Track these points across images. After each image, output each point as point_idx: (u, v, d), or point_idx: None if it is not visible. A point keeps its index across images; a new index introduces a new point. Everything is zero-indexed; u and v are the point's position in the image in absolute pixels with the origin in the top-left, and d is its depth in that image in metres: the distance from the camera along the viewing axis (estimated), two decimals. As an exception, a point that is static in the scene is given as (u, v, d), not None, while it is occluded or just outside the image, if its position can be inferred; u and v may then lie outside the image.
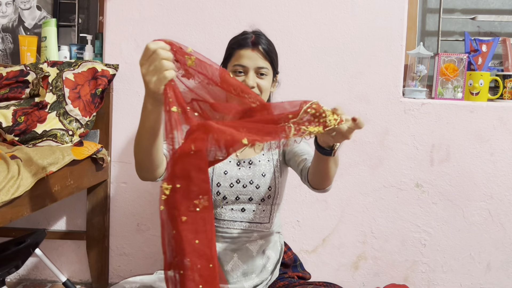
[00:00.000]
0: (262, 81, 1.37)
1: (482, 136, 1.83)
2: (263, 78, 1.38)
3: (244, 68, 1.37)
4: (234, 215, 1.36)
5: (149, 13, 1.87)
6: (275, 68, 1.43)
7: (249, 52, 1.37)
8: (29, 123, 1.58)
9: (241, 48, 1.38)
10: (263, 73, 1.37)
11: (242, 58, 1.37)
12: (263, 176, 1.39)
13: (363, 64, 1.84)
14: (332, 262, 1.92)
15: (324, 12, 1.84)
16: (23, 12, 2.02)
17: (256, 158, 1.41)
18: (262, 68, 1.37)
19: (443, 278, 1.89)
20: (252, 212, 1.37)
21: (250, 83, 1.34)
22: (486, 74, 1.84)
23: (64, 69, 1.75)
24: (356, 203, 1.88)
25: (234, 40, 1.43)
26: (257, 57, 1.37)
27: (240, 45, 1.39)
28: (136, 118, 1.91)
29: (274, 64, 1.41)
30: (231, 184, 1.38)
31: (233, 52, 1.40)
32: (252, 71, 1.36)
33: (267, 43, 1.40)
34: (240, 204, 1.36)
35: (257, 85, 1.37)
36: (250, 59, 1.36)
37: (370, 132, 1.85)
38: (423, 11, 2.06)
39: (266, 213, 1.39)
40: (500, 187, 1.84)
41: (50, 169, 1.41)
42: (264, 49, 1.37)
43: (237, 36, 1.43)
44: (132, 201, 1.93)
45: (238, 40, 1.41)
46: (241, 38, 1.41)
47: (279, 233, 1.46)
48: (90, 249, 1.94)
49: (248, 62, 1.36)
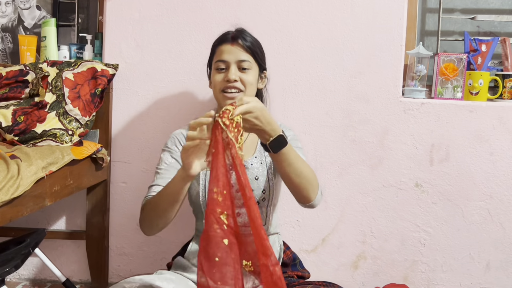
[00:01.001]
0: (245, 75, 1.34)
1: (481, 136, 1.83)
2: (246, 72, 1.35)
3: (225, 63, 1.35)
4: None
5: (149, 13, 1.87)
6: (260, 63, 1.40)
7: (229, 46, 1.35)
8: (28, 123, 1.58)
9: (221, 44, 1.37)
10: (245, 67, 1.34)
11: (223, 53, 1.35)
12: (256, 180, 1.36)
13: (363, 63, 1.84)
14: (331, 261, 1.92)
15: (323, 12, 1.84)
16: (22, 11, 2.02)
17: (248, 161, 1.38)
18: (243, 62, 1.34)
19: (442, 278, 1.90)
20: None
21: (232, 77, 1.32)
22: (486, 74, 1.84)
23: (63, 69, 1.75)
24: (356, 202, 1.89)
25: (216, 39, 1.42)
26: (238, 51, 1.35)
27: (220, 41, 1.38)
28: (136, 118, 1.92)
29: (257, 58, 1.38)
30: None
31: (215, 50, 1.39)
32: (234, 65, 1.34)
33: (248, 37, 1.38)
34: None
35: (240, 80, 1.34)
36: (230, 53, 1.34)
37: (370, 132, 1.85)
38: (423, 11, 2.06)
39: (262, 216, 1.36)
40: (499, 187, 1.84)
41: (49, 169, 1.41)
42: (244, 43, 1.35)
43: (220, 35, 1.42)
44: (132, 201, 1.93)
45: (219, 38, 1.40)
46: (222, 35, 1.41)
47: (277, 233, 1.45)
48: (89, 248, 1.94)
49: (228, 57, 1.34)
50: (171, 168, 1.33)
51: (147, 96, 1.90)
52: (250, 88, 1.36)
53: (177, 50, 1.87)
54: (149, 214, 1.25)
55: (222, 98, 1.35)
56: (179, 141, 1.40)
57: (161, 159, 1.37)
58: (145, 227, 1.28)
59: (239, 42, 1.35)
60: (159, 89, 1.89)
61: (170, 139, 1.42)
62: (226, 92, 1.34)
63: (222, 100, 1.35)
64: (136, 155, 1.92)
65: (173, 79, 1.88)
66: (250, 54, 1.36)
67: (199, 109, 1.88)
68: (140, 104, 1.91)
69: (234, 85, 1.34)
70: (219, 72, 1.36)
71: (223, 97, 1.35)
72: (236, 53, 1.34)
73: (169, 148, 1.39)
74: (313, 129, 1.86)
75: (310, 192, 1.24)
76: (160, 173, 1.33)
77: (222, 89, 1.35)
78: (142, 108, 1.90)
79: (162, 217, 1.21)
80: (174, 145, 1.39)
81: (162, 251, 1.95)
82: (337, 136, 1.86)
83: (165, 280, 1.20)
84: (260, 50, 1.41)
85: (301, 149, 1.41)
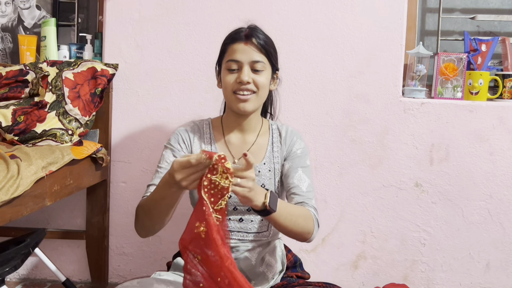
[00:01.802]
0: (259, 76, 1.27)
1: (481, 136, 1.83)
2: (259, 73, 1.28)
3: (238, 63, 1.27)
4: (232, 225, 1.30)
5: (148, 13, 1.87)
6: (274, 64, 1.33)
7: (242, 45, 1.27)
8: (28, 123, 1.58)
9: (234, 42, 1.29)
10: (258, 68, 1.27)
11: (235, 52, 1.27)
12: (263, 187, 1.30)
13: (363, 63, 1.84)
14: (331, 261, 1.92)
15: (323, 11, 1.84)
16: (22, 11, 2.02)
17: (256, 168, 1.32)
18: (257, 62, 1.27)
19: (442, 278, 1.90)
20: (250, 222, 1.31)
21: (244, 78, 1.25)
22: (486, 74, 1.84)
23: (63, 69, 1.75)
24: (356, 202, 1.89)
25: (227, 36, 1.34)
26: (251, 51, 1.27)
27: (233, 39, 1.30)
28: (135, 118, 1.92)
29: (271, 58, 1.31)
30: (229, 195, 1.31)
31: (226, 48, 1.31)
32: (247, 65, 1.27)
33: (262, 36, 1.30)
34: (238, 214, 1.31)
35: (253, 81, 1.27)
36: (243, 53, 1.27)
37: (370, 131, 1.85)
38: (423, 11, 2.06)
39: (265, 223, 1.32)
40: (499, 187, 1.84)
41: (49, 169, 1.41)
42: (258, 42, 1.27)
43: (230, 32, 1.34)
44: (132, 200, 1.93)
45: (231, 35, 1.32)
46: (233, 32, 1.32)
47: (279, 238, 1.42)
48: (89, 248, 1.94)
49: (241, 56, 1.26)
50: None
51: (147, 96, 1.90)
52: (262, 91, 1.30)
53: (177, 49, 1.87)
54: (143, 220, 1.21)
55: (234, 100, 1.29)
56: (182, 139, 1.35)
57: (163, 157, 1.33)
58: (140, 231, 1.24)
59: (253, 41, 1.27)
60: (159, 88, 1.89)
61: (173, 135, 1.36)
62: (238, 94, 1.28)
63: (234, 102, 1.29)
64: (136, 155, 1.92)
65: (173, 78, 1.88)
66: (264, 55, 1.28)
67: (199, 108, 1.88)
68: (140, 104, 1.90)
69: (247, 87, 1.27)
70: (231, 72, 1.28)
71: (235, 99, 1.28)
72: (249, 53, 1.26)
73: (172, 145, 1.34)
74: (313, 128, 1.86)
75: (305, 235, 1.22)
76: (160, 172, 1.30)
77: (234, 90, 1.28)
78: (142, 108, 1.90)
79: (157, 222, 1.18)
80: (177, 143, 1.34)
81: (162, 251, 1.95)
82: (337, 135, 1.86)
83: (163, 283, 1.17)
84: (274, 50, 1.34)
85: (307, 168, 1.35)
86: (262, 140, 1.37)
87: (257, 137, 1.37)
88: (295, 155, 1.35)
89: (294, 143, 1.37)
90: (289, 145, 1.37)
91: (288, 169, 1.32)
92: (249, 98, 1.28)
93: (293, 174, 1.30)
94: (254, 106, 1.30)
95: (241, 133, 1.36)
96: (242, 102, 1.27)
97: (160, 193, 1.11)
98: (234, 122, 1.35)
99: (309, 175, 1.32)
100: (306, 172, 1.32)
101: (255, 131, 1.38)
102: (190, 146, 1.34)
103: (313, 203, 1.28)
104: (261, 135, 1.38)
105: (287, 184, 1.31)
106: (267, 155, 1.35)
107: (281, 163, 1.35)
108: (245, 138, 1.37)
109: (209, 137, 1.36)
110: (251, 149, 1.35)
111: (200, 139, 1.36)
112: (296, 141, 1.38)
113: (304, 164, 1.34)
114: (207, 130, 1.38)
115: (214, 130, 1.38)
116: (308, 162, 1.36)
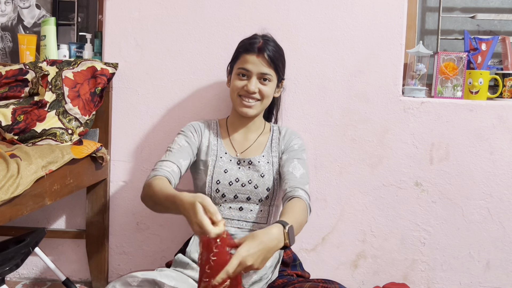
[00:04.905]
0: (265, 87, 1.43)
1: (481, 135, 1.83)
2: (266, 84, 1.43)
3: (247, 72, 1.42)
4: (232, 213, 1.38)
5: (148, 12, 1.87)
6: (280, 75, 1.48)
7: (254, 57, 1.41)
8: (28, 122, 1.58)
9: (247, 53, 1.43)
10: (266, 78, 1.42)
11: (247, 63, 1.42)
12: (262, 177, 1.41)
13: (363, 62, 1.84)
14: (331, 260, 1.92)
15: (323, 10, 1.83)
16: (22, 10, 2.02)
17: (256, 158, 1.44)
18: (265, 75, 1.42)
19: (442, 277, 1.90)
20: (250, 211, 1.38)
21: (252, 88, 1.40)
22: (486, 73, 1.84)
23: (63, 68, 1.74)
24: (356, 201, 1.89)
25: (242, 43, 1.48)
26: (261, 64, 1.41)
27: (246, 49, 1.44)
28: (135, 117, 1.92)
29: (279, 71, 1.45)
30: (230, 183, 1.39)
31: (239, 55, 1.45)
32: (255, 76, 1.41)
33: (274, 49, 1.43)
34: (238, 203, 1.38)
35: (259, 91, 1.42)
36: (254, 65, 1.41)
37: (370, 130, 1.85)
38: (423, 10, 2.06)
39: (264, 214, 1.40)
40: (499, 186, 1.84)
41: (49, 168, 1.41)
42: (269, 56, 1.41)
43: (246, 40, 1.48)
44: (132, 199, 1.94)
45: (245, 44, 1.46)
46: (248, 42, 1.46)
47: None
48: (89, 247, 1.94)
49: (252, 67, 1.41)
50: (183, 151, 1.41)
51: (147, 95, 1.90)
52: (267, 99, 1.46)
53: (177, 49, 1.86)
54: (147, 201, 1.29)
55: (239, 104, 1.45)
56: (194, 128, 1.50)
57: (175, 141, 1.45)
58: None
59: (264, 55, 1.41)
60: (159, 88, 1.89)
61: (187, 126, 1.51)
62: (243, 99, 1.44)
63: (239, 105, 1.45)
64: (136, 154, 1.92)
65: (173, 78, 1.88)
66: (272, 68, 1.43)
67: (199, 108, 1.88)
68: (140, 103, 1.90)
69: (253, 96, 1.43)
70: (240, 78, 1.44)
71: (240, 103, 1.45)
72: (259, 66, 1.41)
73: (184, 132, 1.47)
74: (313, 128, 1.86)
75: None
76: (172, 151, 1.40)
77: (241, 94, 1.45)
78: (142, 107, 1.90)
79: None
80: (190, 132, 1.48)
81: (162, 250, 1.95)
82: (337, 135, 1.86)
83: (166, 277, 1.22)
84: (282, 63, 1.49)
85: (303, 160, 1.45)
86: (263, 138, 1.52)
87: (259, 136, 1.52)
88: (292, 149, 1.47)
89: (292, 140, 1.50)
90: (287, 141, 1.50)
91: (284, 161, 1.44)
92: (253, 105, 1.45)
93: (288, 164, 1.42)
94: (257, 111, 1.47)
95: (245, 132, 1.52)
96: (246, 108, 1.44)
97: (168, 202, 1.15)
98: (239, 122, 1.52)
99: (304, 166, 1.42)
100: (302, 163, 1.42)
101: (258, 130, 1.53)
102: (200, 136, 1.50)
103: (307, 188, 1.35)
104: (263, 134, 1.53)
105: (283, 172, 1.41)
106: (266, 149, 1.48)
107: (279, 157, 1.47)
108: (247, 136, 1.51)
109: (216, 133, 1.52)
110: (252, 146, 1.49)
111: (209, 132, 1.52)
112: (294, 138, 1.51)
113: (300, 156, 1.45)
114: (214, 127, 1.54)
115: (220, 128, 1.55)
116: (304, 156, 1.48)
